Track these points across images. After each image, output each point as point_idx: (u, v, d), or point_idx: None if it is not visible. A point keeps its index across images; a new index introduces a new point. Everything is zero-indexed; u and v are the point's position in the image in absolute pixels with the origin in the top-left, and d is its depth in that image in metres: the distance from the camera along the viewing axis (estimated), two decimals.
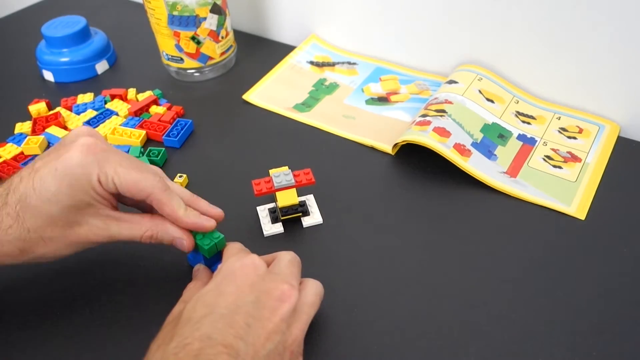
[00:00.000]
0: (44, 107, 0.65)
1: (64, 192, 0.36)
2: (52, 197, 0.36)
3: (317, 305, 0.38)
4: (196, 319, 0.33)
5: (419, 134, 0.54)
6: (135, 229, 0.40)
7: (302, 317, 0.36)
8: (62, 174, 0.36)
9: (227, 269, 0.37)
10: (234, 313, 0.33)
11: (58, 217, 0.37)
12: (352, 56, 0.73)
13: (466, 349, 0.39)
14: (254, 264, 0.37)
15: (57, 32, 0.70)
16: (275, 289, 0.35)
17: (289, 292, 0.35)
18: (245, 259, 0.37)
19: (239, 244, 0.42)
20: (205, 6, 0.64)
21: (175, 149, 0.59)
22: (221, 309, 0.33)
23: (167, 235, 0.41)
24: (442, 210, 0.50)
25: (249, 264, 0.37)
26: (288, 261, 0.39)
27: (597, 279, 0.43)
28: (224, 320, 0.33)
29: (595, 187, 0.51)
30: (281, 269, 0.38)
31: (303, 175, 0.48)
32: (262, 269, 0.37)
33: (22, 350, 0.40)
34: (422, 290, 0.43)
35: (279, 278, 0.36)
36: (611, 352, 0.38)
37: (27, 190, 0.37)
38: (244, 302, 0.34)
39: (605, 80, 0.57)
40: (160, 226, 0.40)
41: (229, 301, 0.34)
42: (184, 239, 0.41)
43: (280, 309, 0.34)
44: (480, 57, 0.64)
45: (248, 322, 0.33)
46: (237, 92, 0.67)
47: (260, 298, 0.34)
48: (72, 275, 0.45)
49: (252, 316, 0.33)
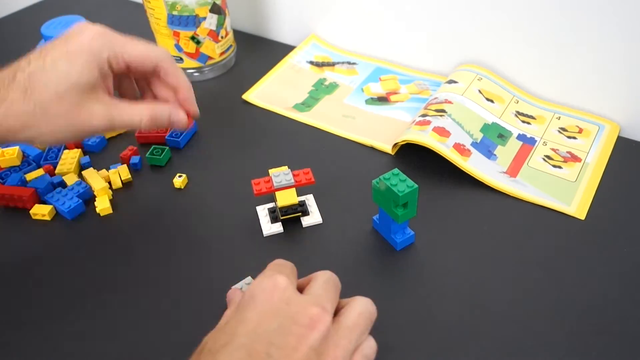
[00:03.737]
0: None
1: (74, 71, 0.39)
2: (61, 75, 0.39)
3: (362, 327, 0.33)
4: (216, 349, 0.31)
5: (419, 134, 0.54)
6: (134, 114, 0.42)
7: (339, 343, 0.32)
8: (74, 53, 0.39)
9: (249, 293, 0.34)
10: (254, 342, 0.30)
11: (64, 95, 0.39)
12: (352, 56, 0.73)
13: (466, 349, 0.39)
14: (278, 286, 0.33)
15: (56, 32, 0.70)
16: (303, 314, 0.31)
17: (318, 317, 0.31)
18: (268, 280, 0.34)
19: (279, 260, 0.37)
20: (205, 6, 0.64)
21: (178, 149, 0.59)
22: (241, 337, 0.31)
23: (165, 113, 0.43)
24: (442, 210, 0.50)
25: (271, 286, 0.33)
26: (323, 282, 0.35)
27: (597, 279, 0.43)
28: (243, 349, 0.30)
29: (595, 187, 0.51)
30: (314, 290, 0.34)
31: (303, 175, 0.48)
32: (287, 292, 0.33)
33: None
34: (421, 289, 0.43)
35: (308, 301, 0.32)
36: (611, 352, 0.38)
37: (36, 69, 0.39)
38: (265, 330, 0.31)
39: (605, 80, 0.57)
40: (157, 107, 0.42)
41: (249, 328, 0.31)
42: (180, 113, 0.43)
43: (308, 337, 0.30)
44: (480, 57, 0.64)
45: (269, 352, 0.30)
46: (237, 92, 0.67)
47: (284, 324, 0.31)
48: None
49: (275, 345, 0.30)
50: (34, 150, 0.57)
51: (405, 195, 0.41)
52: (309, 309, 0.32)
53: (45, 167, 0.55)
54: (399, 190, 0.41)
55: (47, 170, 0.55)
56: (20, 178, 0.53)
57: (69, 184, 0.53)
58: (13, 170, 0.55)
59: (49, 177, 0.54)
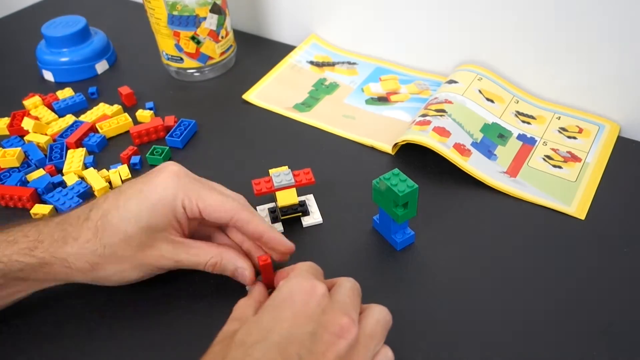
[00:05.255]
0: (39, 100, 0.65)
1: (145, 213, 0.38)
2: (132, 217, 0.38)
3: (380, 335, 0.34)
4: (249, 343, 0.31)
5: (419, 134, 0.54)
6: (201, 256, 0.40)
7: (360, 351, 0.32)
8: (147, 196, 0.38)
9: (287, 291, 0.34)
10: (288, 342, 0.31)
11: (133, 237, 0.38)
12: (352, 56, 0.73)
13: (466, 349, 0.39)
14: (316, 291, 0.34)
15: (57, 32, 0.70)
16: (334, 323, 0.32)
17: (348, 327, 0.32)
18: (307, 283, 0.34)
19: (310, 263, 0.38)
20: (205, 6, 0.64)
21: (178, 149, 0.59)
22: (275, 336, 0.31)
23: (231, 264, 0.41)
24: (442, 210, 0.50)
25: (310, 290, 0.34)
26: (349, 289, 0.35)
27: (597, 279, 0.43)
28: (277, 349, 0.30)
29: (595, 187, 0.51)
30: (342, 297, 0.34)
31: (303, 175, 0.48)
32: (324, 300, 0.34)
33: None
34: (421, 289, 0.43)
35: (339, 310, 0.33)
36: (611, 352, 0.38)
37: (110, 208, 0.38)
38: (299, 333, 0.31)
39: (605, 80, 0.57)
40: (225, 254, 0.41)
41: (284, 328, 0.32)
42: (246, 269, 0.40)
43: (336, 345, 0.31)
44: (480, 57, 0.64)
45: (301, 354, 0.30)
46: (237, 92, 0.67)
47: (317, 330, 0.32)
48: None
49: (306, 348, 0.31)
50: (37, 154, 0.57)
51: (406, 195, 0.41)
52: (340, 318, 0.32)
53: (48, 167, 0.55)
54: (399, 190, 0.41)
55: (49, 170, 0.55)
56: (20, 178, 0.53)
57: (69, 183, 0.53)
58: (13, 171, 0.55)
59: (49, 177, 0.54)
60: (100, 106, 0.65)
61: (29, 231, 0.39)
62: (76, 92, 0.68)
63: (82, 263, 0.38)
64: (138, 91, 0.67)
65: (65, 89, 0.68)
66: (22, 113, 0.63)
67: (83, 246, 0.38)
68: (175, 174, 0.40)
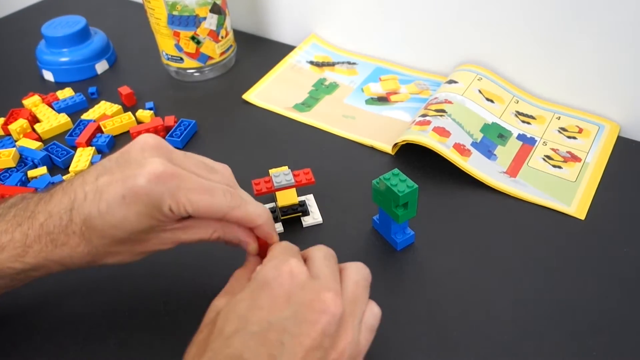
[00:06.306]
0: (39, 100, 0.65)
1: (131, 220, 0.35)
2: (118, 224, 0.35)
3: (362, 296, 0.33)
4: (227, 333, 0.31)
5: (419, 134, 0.54)
6: (202, 232, 0.39)
7: (347, 321, 0.32)
8: (130, 202, 0.35)
9: (262, 277, 0.33)
10: (266, 330, 0.30)
11: (123, 239, 0.36)
12: (352, 56, 0.73)
13: (466, 349, 0.39)
14: (292, 271, 0.32)
15: (57, 32, 0.70)
16: (317, 300, 0.31)
17: (333, 301, 0.31)
18: (283, 266, 0.33)
19: (284, 243, 0.37)
20: (205, 6, 0.64)
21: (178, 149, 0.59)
22: (253, 325, 0.30)
23: (234, 237, 0.39)
24: (442, 210, 0.50)
25: (286, 271, 0.33)
26: (323, 258, 0.34)
27: (597, 279, 0.43)
28: (256, 338, 0.30)
29: (595, 187, 0.51)
30: (320, 269, 0.33)
31: (303, 175, 0.48)
32: (301, 276, 0.32)
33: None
34: (421, 289, 0.43)
35: (320, 285, 0.32)
36: (611, 352, 0.38)
37: (92, 212, 0.35)
38: (278, 318, 0.31)
39: (605, 80, 0.57)
40: (227, 228, 0.39)
41: (261, 317, 0.31)
42: (250, 242, 0.39)
43: (320, 322, 0.30)
44: (480, 57, 0.64)
45: (282, 340, 0.30)
46: (237, 92, 0.67)
47: (298, 312, 0.31)
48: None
49: (289, 332, 0.30)
50: (37, 154, 0.57)
51: (405, 195, 0.41)
52: (323, 294, 0.31)
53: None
54: (399, 190, 0.41)
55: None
56: (20, 178, 0.53)
57: None
58: (13, 171, 0.55)
59: (49, 176, 0.54)
60: (101, 104, 0.65)
61: (14, 232, 0.36)
62: (76, 92, 0.68)
63: (77, 261, 0.37)
64: (138, 91, 0.67)
65: (65, 89, 0.68)
66: (18, 112, 0.63)
67: (74, 250, 0.37)
68: (158, 177, 0.35)
